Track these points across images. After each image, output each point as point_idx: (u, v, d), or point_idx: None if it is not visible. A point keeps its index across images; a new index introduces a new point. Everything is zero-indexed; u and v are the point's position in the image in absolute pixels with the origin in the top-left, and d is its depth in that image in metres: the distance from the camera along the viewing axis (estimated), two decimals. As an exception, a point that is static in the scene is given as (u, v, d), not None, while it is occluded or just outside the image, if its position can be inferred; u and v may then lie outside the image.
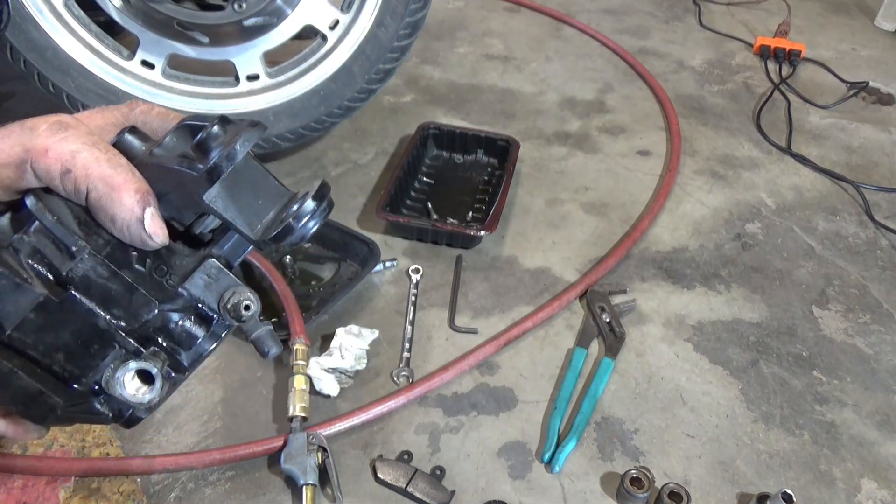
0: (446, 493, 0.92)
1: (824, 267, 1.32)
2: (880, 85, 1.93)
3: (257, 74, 1.38)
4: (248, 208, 0.46)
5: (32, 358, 0.45)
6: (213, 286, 0.48)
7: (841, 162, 1.63)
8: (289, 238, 0.45)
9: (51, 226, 0.43)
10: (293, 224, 0.44)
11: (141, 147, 0.47)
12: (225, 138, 0.43)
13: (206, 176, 0.42)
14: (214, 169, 0.42)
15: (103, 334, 0.46)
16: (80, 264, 0.44)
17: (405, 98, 1.79)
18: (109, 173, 0.42)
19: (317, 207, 0.44)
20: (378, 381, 1.07)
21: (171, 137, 0.46)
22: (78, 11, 1.32)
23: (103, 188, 0.42)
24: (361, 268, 1.22)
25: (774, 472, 0.97)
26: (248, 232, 0.46)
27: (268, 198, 0.47)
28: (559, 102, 1.81)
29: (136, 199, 0.43)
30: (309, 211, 0.44)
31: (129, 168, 0.43)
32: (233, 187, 0.44)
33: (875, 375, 1.12)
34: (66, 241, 0.43)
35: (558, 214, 1.43)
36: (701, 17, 2.28)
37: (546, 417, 1.03)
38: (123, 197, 0.42)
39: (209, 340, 0.50)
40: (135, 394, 0.47)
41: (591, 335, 1.15)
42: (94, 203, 0.43)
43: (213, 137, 0.42)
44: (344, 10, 1.34)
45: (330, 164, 1.54)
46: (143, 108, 0.50)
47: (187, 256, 0.48)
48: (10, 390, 0.44)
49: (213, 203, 0.44)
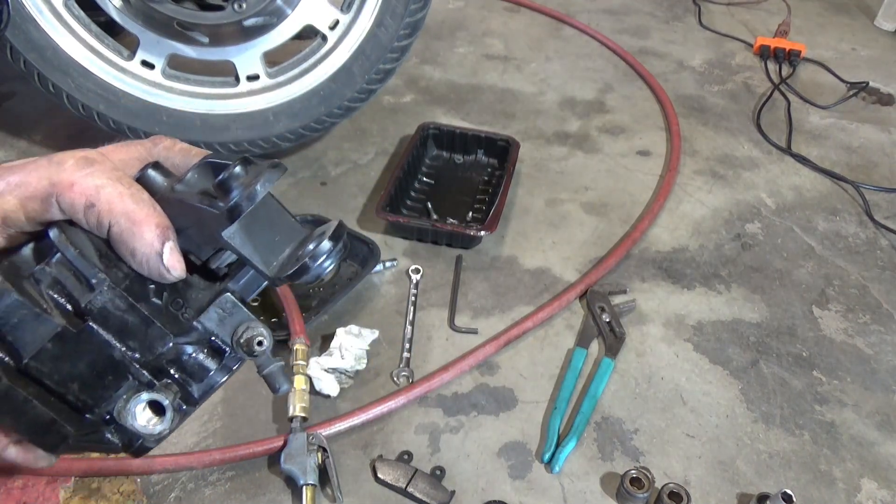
0: (446, 493, 0.92)
1: (824, 267, 1.32)
2: (880, 85, 1.93)
3: (257, 74, 1.38)
4: (265, 246, 0.47)
5: (47, 387, 0.45)
6: (227, 320, 0.49)
7: (841, 162, 1.63)
8: (304, 277, 0.46)
9: (72, 258, 0.44)
10: (309, 264, 0.45)
11: (163, 183, 0.48)
12: (246, 179, 0.44)
13: (227, 214, 0.44)
14: (235, 208, 0.43)
15: (118, 365, 0.46)
16: (99, 296, 0.45)
17: (405, 98, 1.79)
18: (132, 208, 0.44)
19: (332, 248, 0.46)
20: (378, 381, 1.07)
21: (193, 174, 0.48)
22: (78, 11, 1.32)
23: (125, 222, 0.44)
24: (361, 268, 1.22)
25: (774, 472, 0.97)
26: (264, 269, 0.47)
27: (284, 235, 0.48)
28: (559, 102, 1.81)
29: (156, 234, 0.44)
30: (325, 251, 0.45)
31: (150, 203, 0.45)
32: (251, 225, 0.46)
33: (875, 375, 1.12)
34: (87, 274, 0.44)
35: (558, 214, 1.43)
36: (701, 18, 2.28)
37: (546, 417, 1.03)
38: (144, 231, 0.44)
39: (220, 373, 0.50)
40: (146, 425, 0.47)
41: (591, 335, 1.15)
42: (115, 237, 0.44)
43: (235, 178, 0.44)
44: (344, 11, 1.34)
45: (330, 164, 1.54)
46: (167, 144, 0.52)
47: (203, 290, 0.50)
48: (24, 418, 0.45)
49: (231, 240, 0.45)
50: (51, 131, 1.59)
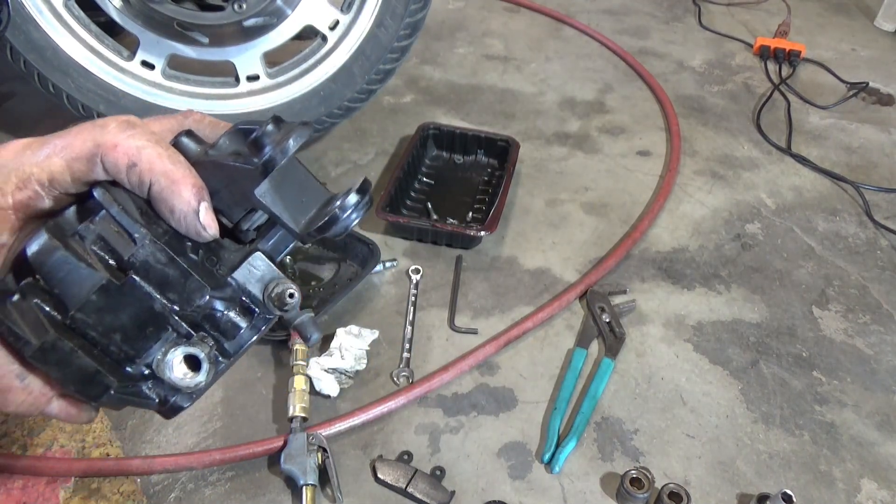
0: (446, 493, 0.92)
1: (824, 267, 1.32)
2: (880, 85, 1.93)
3: (257, 75, 1.38)
4: (294, 205, 0.50)
5: (91, 339, 0.48)
6: (258, 277, 0.52)
7: (841, 162, 1.63)
8: (333, 229, 0.49)
9: (116, 214, 0.47)
10: (339, 214, 0.49)
11: (196, 148, 0.51)
12: (278, 136, 0.47)
13: (261, 169, 0.47)
14: (269, 162, 0.47)
15: (158, 317, 0.49)
16: (142, 250, 0.48)
17: (405, 98, 1.79)
18: (171, 168, 0.47)
19: (360, 200, 0.49)
20: (378, 381, 1.07)
21: (225, 140, 0.51)
22: (78, 12, 1.32)
23: (165, 181, 0.47)
24: (361, 268, 1.22)
25: (774, 472, 0.97)
26: (293, 226, 0.50)
27: (311, 197, 0.51)
28: (559, 103, 1.81)
29: (192, 193, 0.47)
30: (352, 204, 0.48)
31: (187, 165, 0.48)
32: (280, 185, 0.49)
33: (875, 376, 1.12)
34: (130, 229, 0.48)
35: (558, 215, 1.43)
36: (701, 18, 2.28)
37: (546, 418, 1.03)
38: (182, 190, 0.47)
39: (250, 332, 0.53)
40: (182, 377, 0.50)
41: (591, 335, 1.15)
42: (155, 195, 0.47)
43: (268, 135, 0.47)
44: (344, 11, 1.34)
45: (330, 164, 1.54)
46: (197, 118, 0.55)
47: (234, 252, 0.53)
48: (69, 368, 0.47)
49: (262, 197, 0.48)
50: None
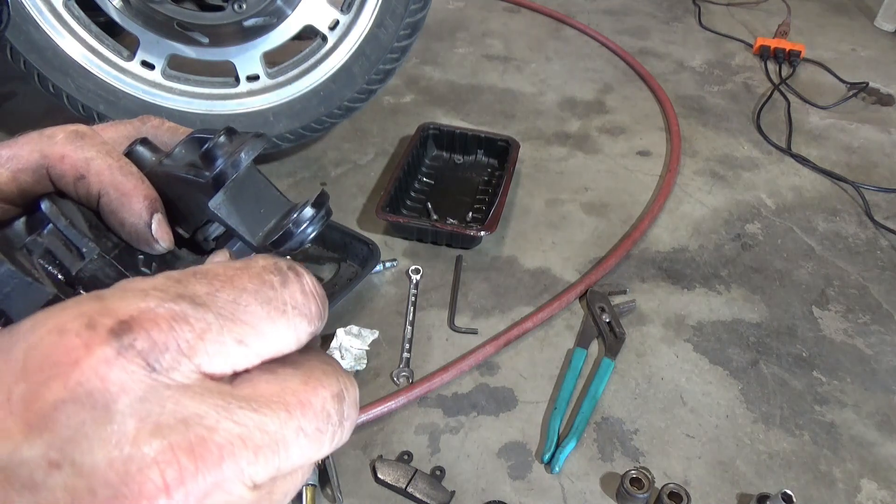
0: (446, 493, 0.92)
1: (824, 267, 1.32)
2: (880, 85, 1.93)
3: (257, 75, 1.38)
4: (251, 216, 0.48)
5: None
6: None
7: (841, 162, 1.63)
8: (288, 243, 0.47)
9: (63, 228, 0.45)
10: (292, 230, 0.46)
11: (151, 157, 0.49)
12: (230, 148, 0.46)
13: (212, 182, 0.45)
14: (220, 176, 0.45)
15: None
16: (90, 265, 0.46)
17: (405, 98, 1.79)
18: (121, 180, 0.45)
19: (315, 214, 0.46)
20: (378, 381, 1.07)
21: (180, 149, 0.49)
22: (78, 12, 1.32)
23: (114, 194, 0.45)
24: (361, 268, 1.22)
25: (774, 472, 0.97)
26: (249, 238, 0.48)
27: (270, 207, 0.49)
28: (559, 103, 1.81)
29: (144, 206, 0.45)
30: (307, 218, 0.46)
31: (139, 176, 0.46)
32: (237, 196, 0.47)
33: (875, 376, 1.12)
34: (78, 243, 0.45)
35: (558, 215, 1.43)
36: (701, 18, 2.28)
37: (546, 418, 1.03)
38: (133, 202, 0.45)
39: None
40: None
41: (591, 335, 1.15)
42: (105, 208, 0.45)
43: (219, 146, 0.45)
44: (344, 11, 1.34)
45: (330, 164, 1.54)
46: (155, 123, 0.52)
47: (191, 263, 0.50)
48: None
49: (217, 210, 0.46)
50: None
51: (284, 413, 0.26)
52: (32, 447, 0.22)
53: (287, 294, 0.28)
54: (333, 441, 0.28)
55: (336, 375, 0.29)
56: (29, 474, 0.22)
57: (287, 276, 0.29)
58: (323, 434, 0.27)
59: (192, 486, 0.23)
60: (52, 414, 0.23)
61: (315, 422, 0.27)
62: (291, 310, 0.28)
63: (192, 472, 0.23)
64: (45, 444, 0.22)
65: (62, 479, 0.22)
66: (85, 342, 0.23)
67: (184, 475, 0.23)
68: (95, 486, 0.22)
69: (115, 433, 0.23)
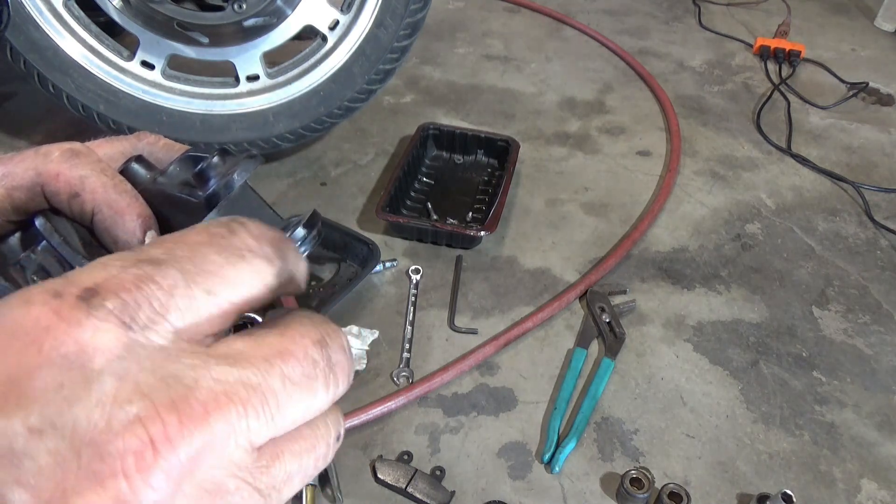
0: (446, 493, 0.92)
1: (824, 267, 1.32)
2: (880, 85, 1.93)
3: (257, 75, 1.38)
4: None
5: None
6: None
7: (841, 162, 1.63)
8: None
9: (57, 245, 0.46)
10: None
11: (146, 175, 0.50)
12: (223, 168, 0.46)
13: (205, 203, 0.46)
14: (213, 196, 0.46)
15: None
16: None
17: (405, 98, 1.79)
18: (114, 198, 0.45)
19: (307, 235, 0.47)
20: (378, 381, 1.07)
21: (175, 167, 0.50)
22: (78, 12, 1.32)
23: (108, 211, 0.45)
24: (361, 268, 1.22)
25: (774, 472, 0.97)
26: None
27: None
28: (559, 103, 1.81)
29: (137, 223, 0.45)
30: (298, 238, 0.47)
31: (133, 194, 0.46)
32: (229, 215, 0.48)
33: (875, 376, 1.12)
34: (71, 260, 0.46)
35: (558, 215, 1.43)
36: (701, 18, 2.28)
37: (546, 418, 1.03)
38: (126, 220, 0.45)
39: None
40: None
41: (591, 335, 1.15)
42: (98, 225, 0.46)
43: (213, 168, 0.46)
44: (344, 11, 1.34)
45: (330, 164, 1.54)
46: (150, 140, 0.53)
47: None
48: None
49: None
50: (51, 132, 1.59)
51: (264, 364, 0.26)
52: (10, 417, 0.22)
53: (238, 240, 0.28)
54: (329, 388, 0.27)
55: (314, 324, 0.28)
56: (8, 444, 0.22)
57: (232, 225, 0.29)
58: (313, 380, 0.27)
59: (180, 443, 0.23)
60: (28, 382, 0.22)
61: (299, 367, 0.26)
62: (248, 253, 0.28)
63: (178, 428, 0.23)
64: (23, 413, 0.22)
65: (44, 444, 0.22)
66: (53, 309, 0.23)
67: (169, 431, 0.23)
68: (79, 446, 0.22)
69: (94, 393, 0.23)
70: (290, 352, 0.27)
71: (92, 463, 0.22)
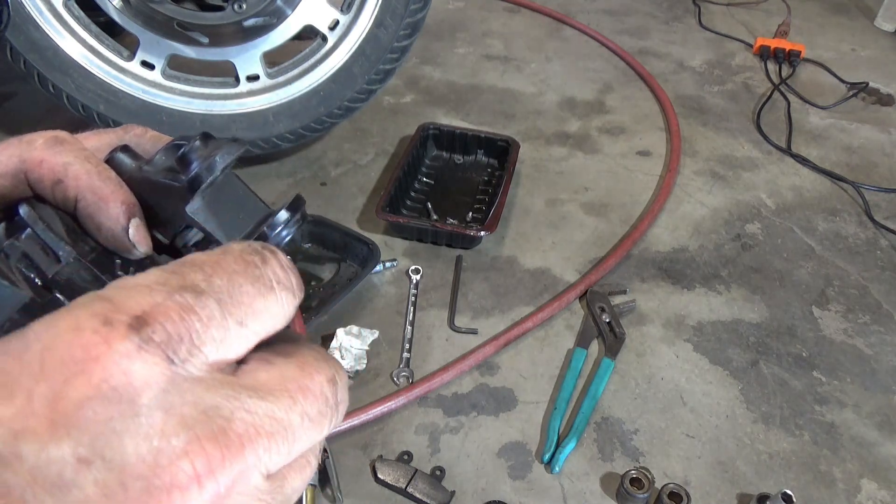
0: (446, 493, 0.92)
1: (824, 267, 1.32)
2: (880, 85, 1.93)
3: (257, 75, 1.38)
4: (229, 222, 0.49)
5: None
6: None
7: (841, 162, 1.63)
8: None
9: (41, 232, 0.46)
10: (267, 233, 0.48)
11: (131, 164, 0.50)
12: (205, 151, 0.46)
13: (188, 186, 0.46)
14: (195, 179, 0.46)
15: None
16: (66, 268, 0.46)
17: (405, 98, 1.79)
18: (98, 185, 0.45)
19: (290, 217, 0.48)
20: (378, 381, 1.07)
21: (161, 156, 0.50)
22: (78, 12, 1.32)
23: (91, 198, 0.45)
24: (361, 268, 1.22)
25: (774, 472, 0.97)
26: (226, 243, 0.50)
27: (248, 213, 0.50)
28: (559, 103, 1.81)
29: (121, 210, 0.45)
30: (282, 221, 0.47)
31: (117, 181, 0.46)
32: (215, 202, 0.48)
33: (875, 376, 1.12)
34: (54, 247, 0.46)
35: (558, 215, 1.43)
36: (701, 18, 2.28)
37: (546, 418, 1.03)
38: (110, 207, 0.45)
39: None
40: None
41: (591, 335, 1.15)
42: (82, 211, 0.45)
43: (194, 151, 0.46)
44: (344, 11, 1.34)
45: (330, 164, 1.54)
46: (138, 132, 0.53)
47: None
48: None
49: (195, 215, 0.47)
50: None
51: (288, 399, 0.26)
52: (60, 446, 0.22)
53: (269, 271, 0.29)
54: (331, 424, 0.29)
55: (327, 361, 0.29)
56: (58, 473, 0.22)
57: (264, 254, 0.30)
58: (324, 417, 0.28)
59: (221, 475, 0.23)
60: (77, 412, 0.22)
61: (316, 405, 0.27)
62: (277, 284, 0.29)
63: (220, 460, 0.24)
64: (73, 442, 0.22)
65: (92, 475, 0.22)
66: (104, 338, 0.23)
67: (212, 464, 0.23)
68: (126, 479, 0.22)
69: (143, 426, 0.23)
70: (308, 389, 0.27)
71: (140, 496, 0.22)
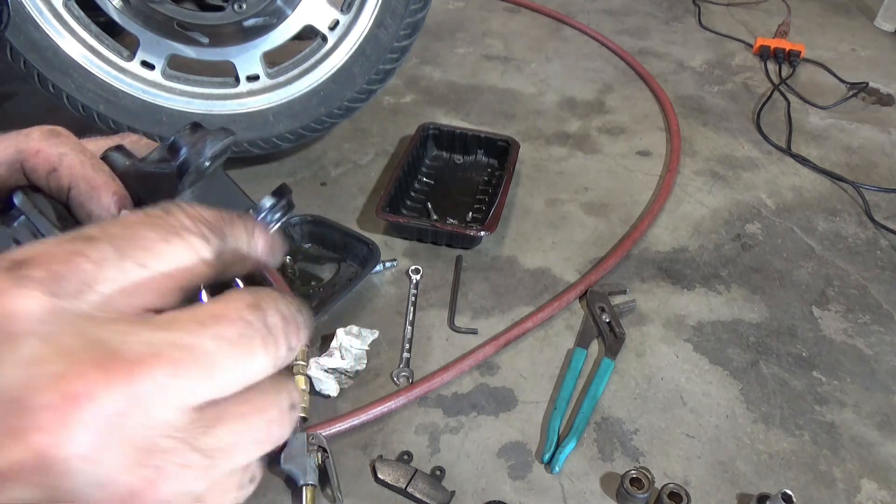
0: (446, 493, 0.92)
1: (824, 267, 1.32)
2: (880, 85, 1.93)
3: (257, 75, 1.38)
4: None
5: None
6: None
7: (841, 162, 1.63)
8: None
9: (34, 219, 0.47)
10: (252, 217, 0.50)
11: (125, 161, 0.51)
12: (193, 138, 0.48)
13: (177, 171, 0.47)
14: (183, 164, 0.47)
15: None
16: None
17: (405, 98, 1.79)
18: (91, 175, 0.47)
19: (274, 204, 0.49)
20: (378, 381, 1.07)
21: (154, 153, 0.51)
22: (78, 12, 1.32)
23: (84, 187, 0.46)
24: (361, 268, 1.22)
25: (774, 472, 0.97)
26: None
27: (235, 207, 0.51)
28: (559, 103, 1.81)
29: (113, 200, 0.47)
30: (266, 207, 0.49)
31: (110, 174, 0.48)
32: (204, 195, 0.49)
33: (875, 376, 1.12)
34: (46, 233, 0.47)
35: (558, 215, 1.43)
36: (701, 18, 2.28)
37: (546, 418, 1.03)
38: (102, 196, 0.46)
39: None
40: None
41: (591, 335, 1.15)
42: (74, 200, 0.47)
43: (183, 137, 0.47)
44: (344, 11, 1.34)
45: (330, 164, 1.54)
46: (133, 139, 0.54)
47: None
48: None
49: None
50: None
51: (195, 325, 0.26)
52: None
53: (173, 219, 0.29)
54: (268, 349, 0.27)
55: (252, 291, 0.29)
56: None
57: (168, 207, 0.30)
58: (249, 339, 0.27)
59: (103, 398, 0.23)
60: None
61: (233, 328, 0.27)
62: (183, 231, 0.29)
63: (101, 383, 0.23)
64: None
65: None
66: None
67: (91, 387, 0.23)
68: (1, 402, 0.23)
69: (19, 353, 0.23)
70: (222, 314, 0.27)
71: (10, 419, 0.23)
